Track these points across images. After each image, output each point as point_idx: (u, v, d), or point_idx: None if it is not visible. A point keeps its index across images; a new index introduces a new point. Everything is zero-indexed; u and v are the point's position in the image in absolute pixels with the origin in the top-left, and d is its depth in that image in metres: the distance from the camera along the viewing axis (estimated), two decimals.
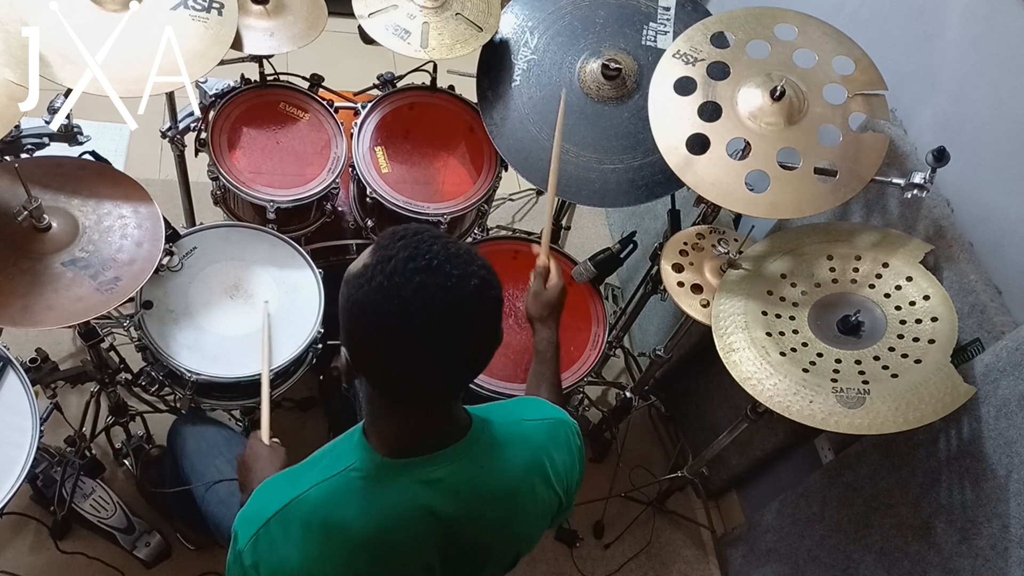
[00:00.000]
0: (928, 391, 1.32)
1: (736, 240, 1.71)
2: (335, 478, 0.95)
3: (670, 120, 1.56)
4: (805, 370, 1.41)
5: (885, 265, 1.50)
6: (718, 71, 1.58)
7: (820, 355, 1.43)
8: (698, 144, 1.53)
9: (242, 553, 0.95)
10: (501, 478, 1.02)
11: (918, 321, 1.42)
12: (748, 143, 1.52)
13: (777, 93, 1.49)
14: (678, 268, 1.71)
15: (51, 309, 1.38)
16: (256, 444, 1.35)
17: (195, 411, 1.89)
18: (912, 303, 1.44)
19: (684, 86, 1.58)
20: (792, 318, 1.50)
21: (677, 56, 1.60)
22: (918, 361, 1.37)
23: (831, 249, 1.56)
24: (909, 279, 1.47)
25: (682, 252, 1.73)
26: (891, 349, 1.41)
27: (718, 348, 1.49)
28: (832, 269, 1.54)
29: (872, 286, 1.49)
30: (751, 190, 1.49)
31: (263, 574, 0.94)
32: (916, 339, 1.40)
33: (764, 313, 1.52)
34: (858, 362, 1.41)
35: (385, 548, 0.95)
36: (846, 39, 1.55)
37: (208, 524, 1.63)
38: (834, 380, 1.38)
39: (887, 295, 1.47)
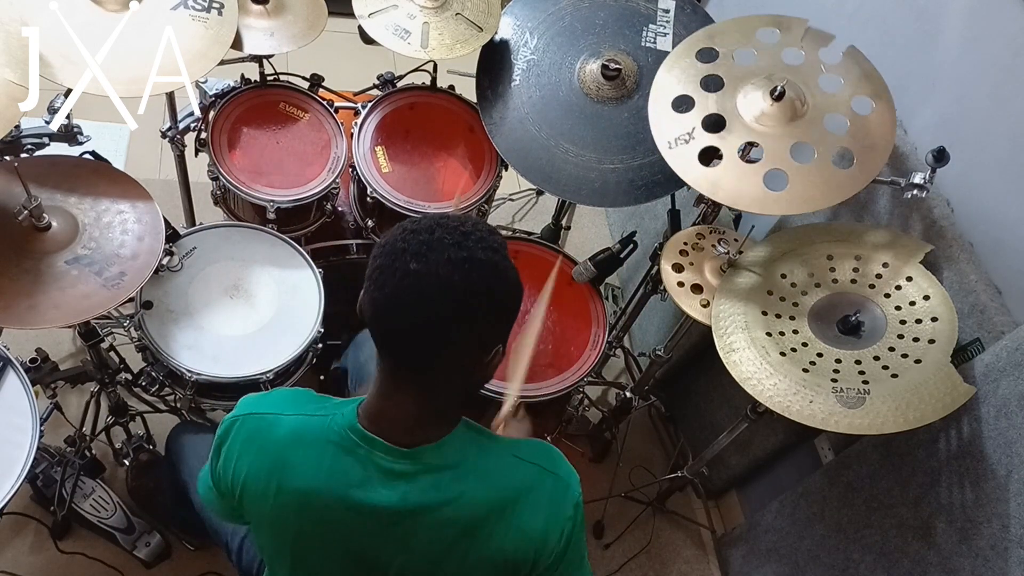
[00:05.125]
0: (928, 391, 1.32)
1: (736, 240, 1.71)
2: (316, 419, 1.04)
3: (677, 149, 1.55)
4: (805, 370, 1.41)
5: (885, 265, 1.50)
6: (713, 84, 1.57)
7: (820, 355, 1.43)
8: (709, 157, 1.52)
9: (223, 423, 1.09)
10: (459, 501, 1.01)
11: (918, 321, 1.42)
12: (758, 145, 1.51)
13: (777, 93, 1.49)
14: (678, 268, 1.71)
15: (57, 308, 1.38)
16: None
17: (193, 418, 1.90)
18: (912, 303, 1.44)
19: (682, 103, 1.57)
20: (792, 318, 1.50)
21: (671, 73, 1.60)
22: (918, 361, 1.37)
23: (831, 249, 1.56)
24: (909, 279, 1.47)
25: (682, 252, 1.73)
26: (891, 349, 1.41)
27: (718, 348, 1.49)
28: (832, 269, 1.54)
29: (872, 286, 1.49)
30: (770, 189, 1.48)
31: (223, 454, 1.08)
32: (916, 339, 1.40)
33: (764, 313, 1.52)
34: (858, 362, 1.41)
35: (314, 507, 1.02)
36: (824, 34, 1.55)
37: (207, 528, 1.62)
38: (834, 380, 1.38)
39: (887, 295, 1.47)
